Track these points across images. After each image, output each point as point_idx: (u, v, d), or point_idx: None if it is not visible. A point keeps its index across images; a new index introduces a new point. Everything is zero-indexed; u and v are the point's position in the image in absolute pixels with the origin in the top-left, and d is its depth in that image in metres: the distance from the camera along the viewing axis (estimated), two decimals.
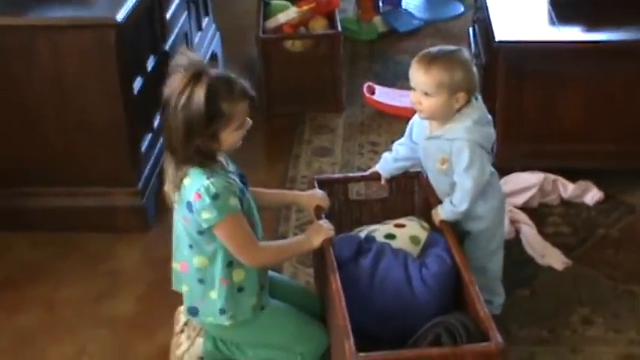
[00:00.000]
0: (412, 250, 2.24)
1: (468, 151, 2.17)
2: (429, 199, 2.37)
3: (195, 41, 3.80)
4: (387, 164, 2.46)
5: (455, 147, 2.19)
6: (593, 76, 2.91)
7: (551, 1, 3.17)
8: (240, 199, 2.05)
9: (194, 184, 1.99)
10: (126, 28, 2.71)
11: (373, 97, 3.77)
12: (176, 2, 3.45)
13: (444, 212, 2.27)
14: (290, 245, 2.29)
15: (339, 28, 3.79)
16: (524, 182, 2.98)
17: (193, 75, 1.95)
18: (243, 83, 2.03)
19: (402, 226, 2.32)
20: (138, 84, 2.92)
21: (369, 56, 4.37)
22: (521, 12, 3.16)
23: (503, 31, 2.96)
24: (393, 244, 2.24)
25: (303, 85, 3.73)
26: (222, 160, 2.11)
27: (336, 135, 3.61)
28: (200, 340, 2.24)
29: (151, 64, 3.10)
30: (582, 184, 3.03)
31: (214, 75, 1.98)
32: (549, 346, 2.35)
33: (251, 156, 2.12)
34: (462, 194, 2.22)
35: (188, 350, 2.25)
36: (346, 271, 2.12)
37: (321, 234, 2.19)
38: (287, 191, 2.84)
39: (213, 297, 2.11)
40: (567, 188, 3.01)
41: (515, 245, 2.74)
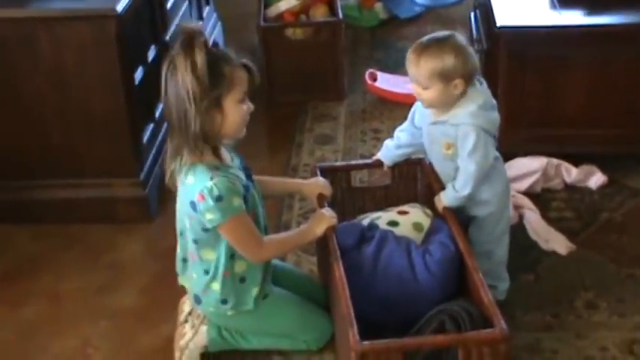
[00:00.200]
0: (415, 237, 2.23)
1: (473, 135, 2.16)
2: (432, 185, 2.37)
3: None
4: (389, 151, 2.45)
5: (460, 132, 2.18)
6: (596, 60, 2.89)
7: None
8: (245, 197, 2.04)
9: (198, 185, 1.98)
10: (126, 19, 2.70)
11: (375, 84, 3.76)
12: None
13: (447, 198, 2.26)
14: (293, 237, 2.29)
15: (340, 16, 3.78)
16: (527, 167, 2.97)
17: (187, 39, 1.94)
18: (240, 55, 2.04)
19: (405, 213, 2.31)
20: (139, 74, 2.91)
21: (370, 43, 4.36)
22: None
23: (504, 16, 2.95)
24: (396, 231, 2.24)
25: (304, 73, 3.72)
26: (227, 154, 2.10)
27: (338, 123, 3.60)
28: (204, 328, 2.24)
29: (151, 54, 3.09)
30: (586, 168, 3.02)
31: (207, 41, 1.98)
32: (554, 331, 2.34)
33: (253, 145, 2.11)
34: (465, 178, 2.21)
35: (192, 339, 2.25)
36: (349, 259, 2.12)
37: (323, 222, 2.19)
38: (290, 180, 2.84)
39: (215, 288, 2.12)
40: (571, 173, 3.00)
41: (518, 230, 2.72)
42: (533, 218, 2.78)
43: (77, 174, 2.89)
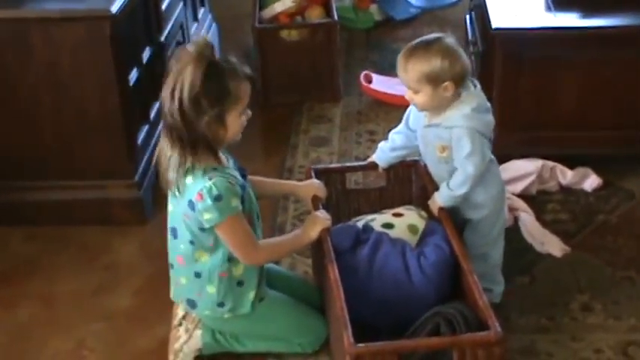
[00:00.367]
0: (410, 239, 2.23)
1: (467, 138, 2.15)
2: (427, 187, 2.36)
3: (192, 32, 3.78)
4: (384, 154, 2.45)
5: (454, 134, 2.18)
6: (591, 62, 2.90)
7: None
8: (242, 196, 2.04)
9: (197, 184, 1.99)
10: (121, 20, 2.69)
11: (370, 86, 3.76)
12: None
13: (442, 197, 2.26)
14: (287, 241, 2.28)
15: (335, 17, 3.77)
16: (522, 169, 2.97)
17: (199, 53, 1.94)
18: (244, 66, 2.04)
19: (400, 215, 2.31)
20: (134, 75, 2.91)
21: (365, 45, 4.36)
22: None
23: (499, 18, 2.95)
24: (391, 233, 2.24)
25: (299, 74, 3.72)
26: (222, 155, 2.10)
27: (333, 124, 3.59)
28: (198, 332, 2.24)
29: (146, 55, 3.08)
30: (581, 170, 3.02)
31: (218, 56, 1.98)
32: (549, 333, 2.34)
33: (248, 146, 2.11)
34: (463, 179, 2.20)
35: (187, 342, 2.24)
36: (344, 261, 2.12)
37: (317, 225, 2.19)
38: (284, 181, 2.83)
39: (210, 291, 2.11)
40: (566, 175, 3.00)
41: (513, 233, 2.72)
42: (529, 220, 2.78)
43: (72, 175, 2.88)
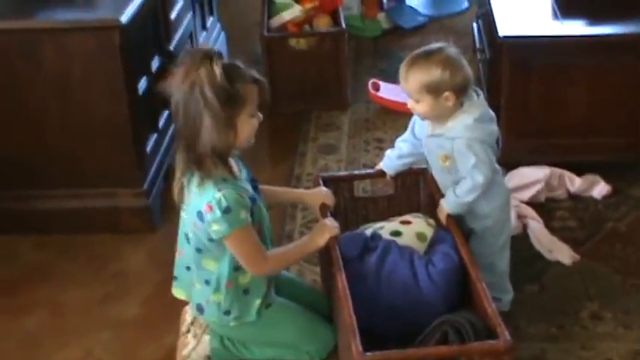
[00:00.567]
0: (418, 246, 2.23)
1: (470, 150, 2.15)
2: (435, 195, 2.36)
3: (200, 41, 3.79)
4: (391, 162, 2.45)
5: (456, 146, 2.17)
6: (598, 69, 2.90)
7: None
8: (251, 209, 2.04)
9: (206, 195, 1.98)
10: (130, 29, 2.70)
11: (378, 94, 3.76)
12: (180, 2, 3.45)
13: (448, 204, 2.26)
14: (296, 248, 2.28)
15: (343, 26, 3.78)
16: (530, 177, 2.97)
17: (204, 57, 1.94)
18: (251, 69, 2.03)
19: (408, 222, 2.31)
20: (143, 84, 2.92)
21: (373, 53, 4.36)
22: (524, 7, 3.15)
23: (506, 26, 2.95)
24: (399, 241, 2.24)
25: (308, 82, 3.73)
26: (234, 165, 2.10)
27: (341, 132, 3.60)
28: (207, 337, 2.24)
29: (155, 64, 3.10)
30: (589, 177, 3.01)
31: (223, 60, 1.98)
32: (559, 342, 2.33)
33: (256, 154, 2.12)
34: (471, 188, 2.19)
35: (195, 348, 2.24)
36: (352, 269, 2.12)
37: (325, 233, 2.18)
38: (292, 189, 2.84)
39: (217, 299, 2.11)
40: (574, 182, 2.99)
41: (522, 240, 2.72)
42: (537, 228, 2.77)
43: (80, 184, 2.89)
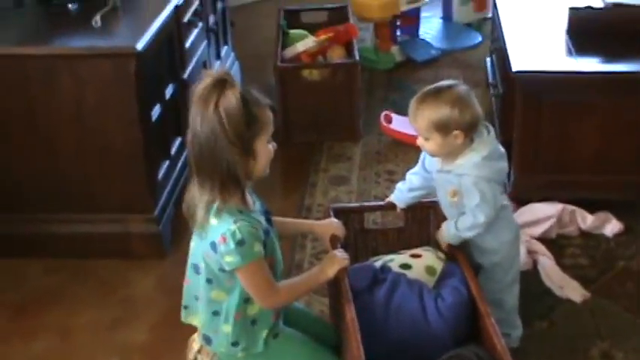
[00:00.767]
0: (428, 280, 2.22)
1: (476, 188, 2.15)
2: None
3: (214, 69, 3.82)
4: (402, 194, 2.45)
5: (463, 183, 2.17)
6: (611, 106, 2.90)
7: (568, 31, 3.17)
8: (264, 242, 2.04)
9: (221, 227, 1.98)
10: (146, 57, 2.73)
11: (390, 126, 3.77)
12: (195, 31, 3.48)
13: (448, 235, 2.26)
14: (305, 280, 2.26)
15: (356, 58, 3.81)
16: (542, 213, 2.96)
17: (219, 81, 1.93)
18: (264, 96, 2.03)
19: (417, 256, 2.31)
20: (156, 111, 2.94)
21: (386, 85, 4.38)
22: (538, 42, 3.16)
23: (520, 61, 2.96)
24: (408, 274, 2.23)
25: (320, 113, 3.74)
26: (249, 197, 2.10)
27: (352, 164, 3.61)
28: None
29: (169, 92, 3.12)
30: (601, 215, 3.00)
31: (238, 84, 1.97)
32: None
33: (267, 184, 2.12)
34: (471, 225, 2.20)
35: None
36: (361, 301, 2.11)
37: (335, 264, 2.18)
38: (303, 220, 2.84)
39: (226, 330, 2.11)
40: (586, 219, 2.98)
41: (532, 276, 2.71)
42: (548, 264, 2.76)
43: (92, 209, 2.91)
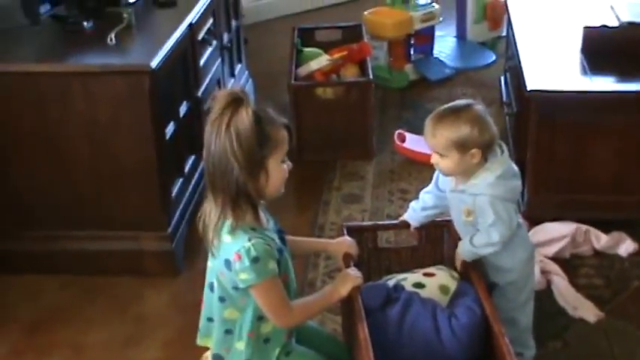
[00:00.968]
0: (441, 299, 2.22)
1: (491, 207, 2.14)
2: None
3: (228, 87, 3.84)
4: (415, 213, 2.45)
5: (477, 202, 2.17)
6: (626, 126, 2.89)
7: (583, 50, 3.16)
8: (278, 260, 2.04)
9: (235, 244, 1.98)
10: (160, 75, 2.74)
11: (404, 145, 3.77)
12: (210, 49, 3.50)
13: (463, 252, 2.26)
14: (319, 299, 2.26)
15: (370, 76, 3.82)
16: (555, 232, 2.94)
17: (235, 100, 1.93)
18: (280, 115, 2.03)
19: (431, 275, 2.30)
20: (170, 129, 2.95)
21: (400, 104, 4.39)
22: (553, 61, 3.15)
23: (534, 80, 2.95)
24: (422, 293, 2.22)
25: (333, 132, 3.75)
26: (263, 215, 2.10)
27: (366, 182, 3.61)
28: None
29: (183, 109, 3.13)
30: (616, 235, 2.98)
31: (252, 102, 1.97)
32: None
33: (281, 202, 2.11)
34: (487, 244, 2.19)
35: None
36: (374, 320, 2.10)
37: (348, 283, 2.18)
38: (316, 239, 2.83)
39: (239, 348, 2.10)
40: (600, 239, 2.96)
41: (546, 296, 2.69)
42: (562, 284, 2.74)
43: (106, 226, 2.91)
